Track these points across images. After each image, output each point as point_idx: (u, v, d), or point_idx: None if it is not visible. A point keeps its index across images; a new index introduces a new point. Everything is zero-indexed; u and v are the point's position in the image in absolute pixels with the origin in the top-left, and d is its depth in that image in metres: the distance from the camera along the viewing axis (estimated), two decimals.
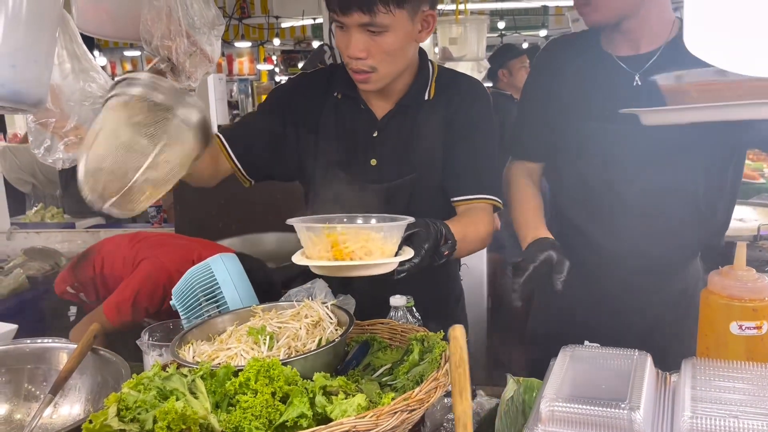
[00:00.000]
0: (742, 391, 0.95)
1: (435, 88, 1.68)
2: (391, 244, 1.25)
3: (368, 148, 1.68)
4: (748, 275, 1.16)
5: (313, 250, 1.24)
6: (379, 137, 1.68)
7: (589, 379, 0.99)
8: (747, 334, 1.12)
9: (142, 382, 1.05)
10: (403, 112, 1.67)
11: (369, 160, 1.69)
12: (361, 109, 1.69)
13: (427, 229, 1.32)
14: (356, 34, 1.48)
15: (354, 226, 1.26)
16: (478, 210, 1.66)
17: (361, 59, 1.51)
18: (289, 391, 1.11)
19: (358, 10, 1.44)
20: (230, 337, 1.37)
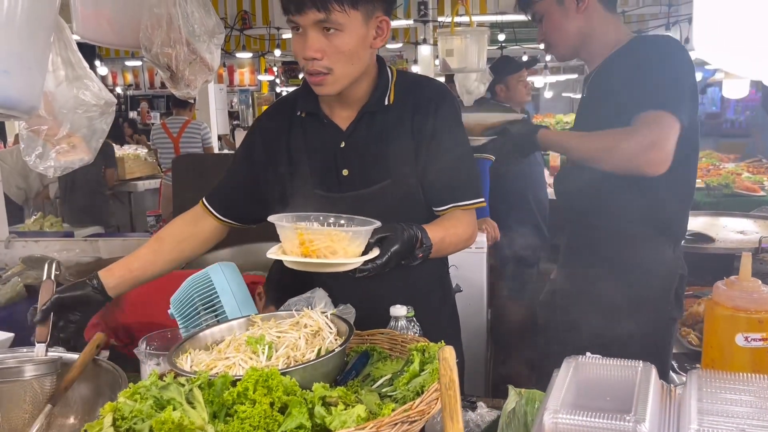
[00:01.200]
0: (749, 403, 0.93)
1: (394, 93, 1.69)
2: (355, 246, 1.35)
3: (338, 159, 1.69)
4: (754, 286, 1.15)
5: (286, 246, 1.36)
6: (346, 147, 1.68)
7: (592, 390, 0.97)
8: (753, 346, 1.11)
9: (139, 392, 1.03)
10: (366, 120, 1.68)
11: (341, 171, 1.69)
12: (324, 124, 1.70)
13: (396, 233, 1.41)
14: (311, 33, 1.50)
15: (322, 229, 1.36)
16: (458, 214, 1.68)
17: (317, 59, 1.52)
18: (287, 401, 1.09)
19: (313, 8, 1.46)
20: (228, 347, 1.35)
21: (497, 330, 3.73)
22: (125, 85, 12.85)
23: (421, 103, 1.68)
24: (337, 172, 1.69)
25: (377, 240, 1.40)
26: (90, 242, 3.68)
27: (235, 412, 1.05)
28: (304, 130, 1.73)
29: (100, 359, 1.48)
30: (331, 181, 1.70)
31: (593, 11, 1.91)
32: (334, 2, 1.46)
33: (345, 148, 1.68)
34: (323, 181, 1.70)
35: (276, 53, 8.01)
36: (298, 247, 1.33)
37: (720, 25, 0.55)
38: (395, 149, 1.68)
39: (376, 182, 1.68)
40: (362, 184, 1.69)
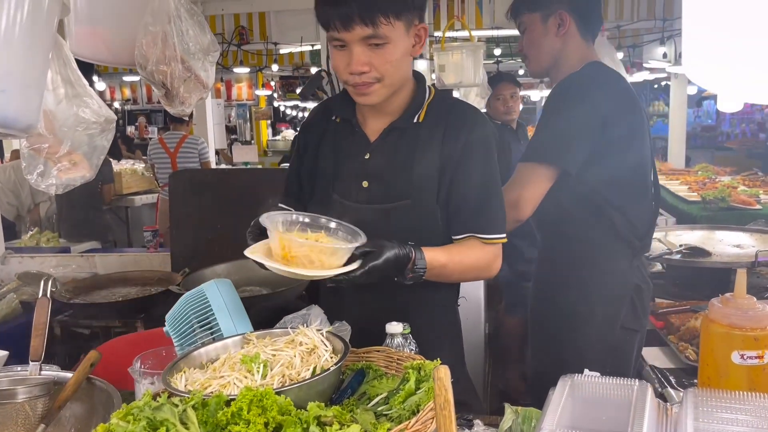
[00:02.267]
0: (745, 422, 0.92)
1: (426, 112, 1.68)
2: (335, 258, 1.40)
3: (360, 170, 1.69)
4: (749, 303, 1.14)
5: (272, 246, 1.41)
6: (370, 159, 1.69)
7: (588, 409, 0.97)
8: (749, 364, 1.10)
9: (132, 412, 1.02)
10: (395, 135, 1.68)
11: (361, 181, 1.69)
12: (355, 131, 1.72)
13: (382, 250, 1.44)
14: (357, 48, 1.50)
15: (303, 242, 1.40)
16: (473, 242, 1.65)
17: (365, 72, 1.53)
18: (282, 421, 1.08)
19: (361, 23, 1.46)
20: (223, 365, 1.35)
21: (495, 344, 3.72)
22: (123, 100, 12.89)
23: (454, 127, 1.65)
24: (358, 182, 1.69)
25: (361, 253, 1.43)
26: (86, 258, 3.67)
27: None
28: (335, 134, 1.75)
29: (94, 378, 1.47)
30: (351, 189, 1.70)
31: (571, 37, 1.99)
32: (380, 16, 1.46)
33: (369, 160, 1.69)
34: (343, 187, 1.71)
35: (273, 68, 8.05)
36: (279, 251, 1.38)
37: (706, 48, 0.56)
38: (419, 170, 1.65)
39: (394, 200, 1.66)
40: (380, 198, 1.67)
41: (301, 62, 8.69)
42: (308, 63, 8.62)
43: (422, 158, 1.66)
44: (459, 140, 1.64)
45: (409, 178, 1.65)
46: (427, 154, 1.66)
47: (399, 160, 1.67)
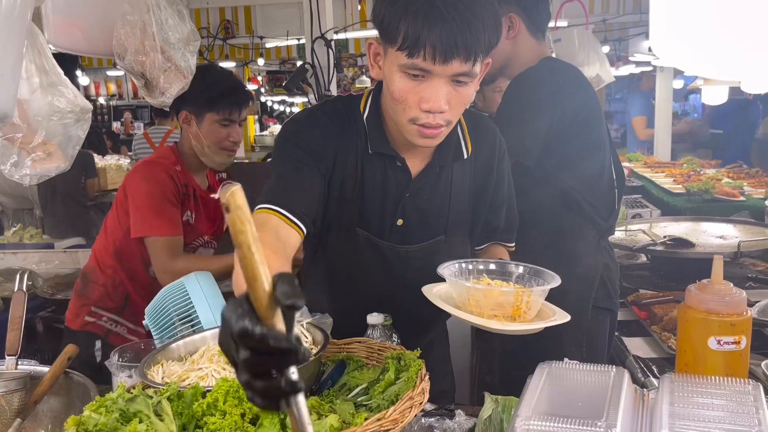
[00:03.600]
0: (720, 407, 0.92)
1: (470, 141, 1.58)
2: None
3: (397, 208, 1.56)
4: (726, 289, 1.15)
5: (483, 307, 1.32)
6: (410, 198, 1.55)
7: (565, 396, 0.97)
8: (726, 349, 1.11)
9: (105, 404, 1.01)
10: (439, 172, 1.56)
11: (396, 220, 1.56)
12: (397, 167, 1.53)
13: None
14: (443, 85, 1.30)
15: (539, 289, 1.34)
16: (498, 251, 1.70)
17: (442, 113, 1.34)
18: (259, 412, 1.07)
19: (459, 59, 1.26)
20: (202, 357, 1.33)
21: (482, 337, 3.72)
22: (108, 95, 12.76)
23: (486, 148, 1.60)
24: (393, 219, 1.56)
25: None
26: (69, 254, 3.63)
27: (205, 424, 1.03)
28: (367, 165, 1.54)
29: (71, 372, 1.46)
30: (382, 226, 1.57)
31: (522, 39, 2.01)
32: (480, 53, 1.29)
33: (408, 198, 1.55)
34: (372, 223, 1.57)
35: (260, 62, 7.99)
36: (510, 306, 1.31)
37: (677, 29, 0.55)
38: (457, 206, 1.60)
39: (428, 238, 1.59)
40: (414, 237, 1.58)
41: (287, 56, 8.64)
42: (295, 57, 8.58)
43: (463, 192, 1.60)
44: (492, 165, 1.62)
45: (446, 215, 1.60)
46: (467, 186, 1.61)
47: (438, 198, 1.58)
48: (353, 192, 1.54)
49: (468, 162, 1.59)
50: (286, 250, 1.35)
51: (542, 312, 1.32)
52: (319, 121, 1.54)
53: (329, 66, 3.62)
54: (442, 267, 1.38)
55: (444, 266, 1.39)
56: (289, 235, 1.38)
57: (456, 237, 1.63)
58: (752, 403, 0.91)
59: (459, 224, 1.62)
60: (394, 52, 1.30)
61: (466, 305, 1.31)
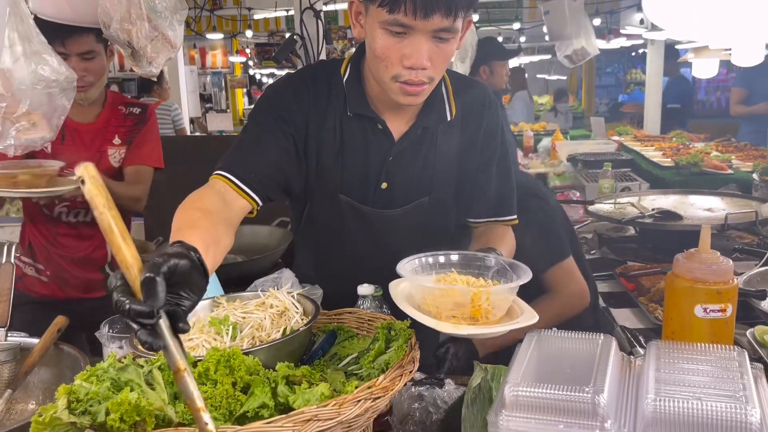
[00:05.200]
0: (706, 373, 0.94)
1: (455, 105, 1.56)
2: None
3: (381, 171, 1.55)
4: (713, 258, 1.16)
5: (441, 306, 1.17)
6: (394, 161, 1.54)
7: (553, 363, 0.98)
8: (712, 317, 1.12)
9: (96, 374, 1.01)
10: (421, 134, 1.54)
11: (380, 183, 1.56)
12: (378, 130, 1.53)
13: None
14: (425, 41, 1.30)
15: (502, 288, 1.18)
16: (501, 231, 1.61)
17: (424, 69, 1.33)
18: (250, 381, 1.08)
19: (440, 14, 1.26)
20: (192, 328, 1.34)
21: None
22: None
23: (474, 113, 1.57)
24: (376, 184, 1.56)
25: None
26: None
27: None
28: (347, 128, 1.53)
29: (61, 343, 1.45)
30: (365, 191, 1.57)
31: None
32: (460, 8, 1.28)
33: (392, 161, 1.54)
34: (354, 188, 1.57)
35: (248, 34, 7.88)
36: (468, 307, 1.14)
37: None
38: (442, 168, 1.58)
39: (413, 200, 1.59)
40: (398, 201, 1.58)
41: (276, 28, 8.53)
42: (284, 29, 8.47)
43: (448, 155, 1.58)
44: (480, 130, 1.58)
45: (431, 176, 1.58)
46: (453, 149, 1.58)
47: (424, 161, 1.56)
48: (333, 157, 1.54)
49: (453, 125, 1.57)
50: (228, 215, 1.37)
51: (512, 310, 1.17)
52: (295, 85, 1.54)
53: (318, 37, 3.58)
54: (402, 264, 1.25)
55: (404, 262, 1.26)
56: (235, 200, 1.41)
57: (441, 200, 1.61)
58: (737, 369, 0.93)
59: (444, 187, 1.61)
60: (375, 8, 1.30)
61: (425, 305, 1.18)
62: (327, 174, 1.56)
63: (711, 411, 0.84)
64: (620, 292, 2.37)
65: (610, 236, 3.03)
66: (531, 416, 0.91)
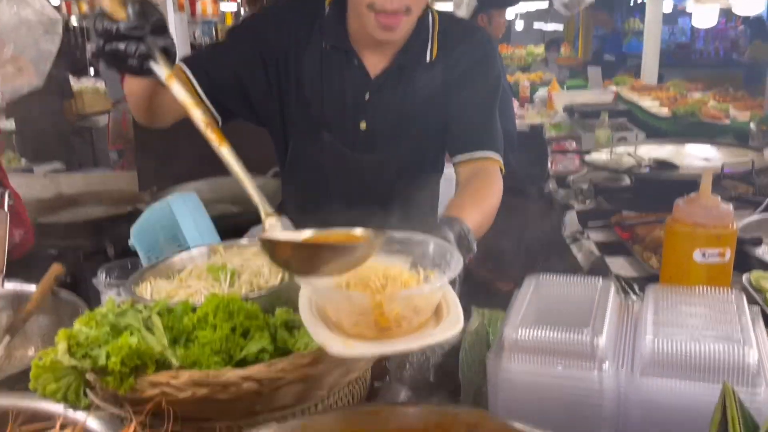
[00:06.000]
0: (704, 315, 0.95)
1: (438, 46, 1.52)
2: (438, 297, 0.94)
3: (358, 110, 1.52)
4: (713, 202, 1.16)
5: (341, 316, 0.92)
6: (371, 100, 1.52)
7: (552, 307, 0.98)
8: (710, 262, 1.13)
9: (95, 319, 1.01)
10: (399, 73, 1.51)
11: (358, 123, 1.53)
12: (353, 65, 1.50)
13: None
14: None
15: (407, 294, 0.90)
16: (484, 175, 1.51)
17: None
18: (249, 326, 1.08)
19: None
20: (190, 275, 1.33)
21: None
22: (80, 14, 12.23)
23: (462, 57, 1.52)
24: (355, 123, 1.53)
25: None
26: (50, 178, 3.58)
27: (196, 338, 1.04)
28: (326, 62, 1.50)
29: (59, 290, 1.45)
30: (345, 130, 1.54)
31: None
32: None
33: (369, 101, 1.52)
34: (335, 126, 1.54)
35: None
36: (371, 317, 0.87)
37: None
38: (425, 110, 1.54)
39: (395, 144, 1.55)
40: (381, 143, 1.55)
41: None
42: None
43: (430, 97, 1.53)
44: (466, 70, 1.53)
45: (414, 117, 1.54)
46: (435, 90, 1.54)
47: (403, 101, 1.52)
48: (313, 91, 1.52)
49: (435, 66, 1.52)
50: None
51: (440, 311, 0.91)
52: (278, 12, 1.55)
53: None
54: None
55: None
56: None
57: (424, 144, 1.58)
58: (735, 311, 0.94)
59: (427, 130, 1.57)
60: None
61: (324, 311, 0.95)
62: (307, 106, 1.54)
63: (709, 352, 0.85)
64: (615, 241, 2.38)
65: (605, 186, 3.02)
66: (530, 358, 0.92)
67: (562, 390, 0.90)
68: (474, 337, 1.23)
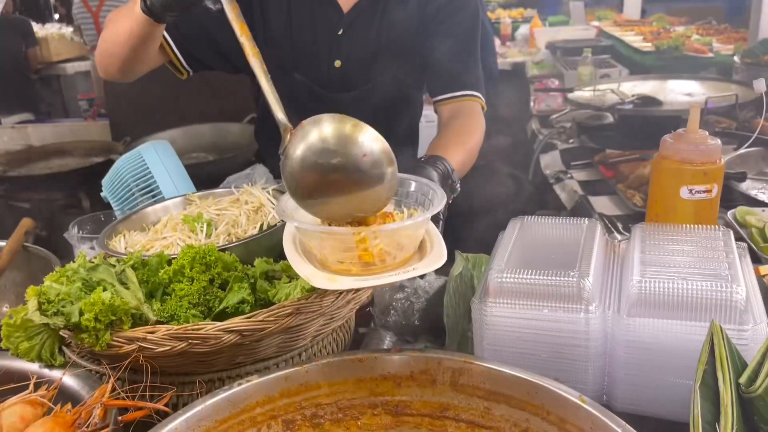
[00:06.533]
0: (690, 253, 0.93)
1: None
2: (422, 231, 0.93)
3: (332, 47, 1.47)
4: (701, 138, 1.13)
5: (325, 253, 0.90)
6: (344, 36, 1.46)
7: (538, 249, 0.96)
8: (697, 198, 1.11)
9: (66, 275, 0.97)
10: (373, 6, 1.46)
11: (332, 61, 1.48)
12: (324, 1, 1.45)
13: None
14: None
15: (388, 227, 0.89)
16: (466, 114, 1.47)
17: None
18: (228, 277, 1.05)
19: None
20: (165, 227, 1.29)
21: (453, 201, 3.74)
22: None
23: None
24: (329, 61, 1.48)
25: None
26: (18, 129, 3.47)
27: (173, 291, 1.01)
28: (294, 1, 1.45)
29: (30, 246, 1.41)
30: (319, 70, 1.49)
31: None
32: None
33: (342, 37, 1.46)
34: (307, 66, 1.49)
35: None
36: (354, 251, 0.87)
37: None
38: (399, 41, 1.48)
39: (371, 78, 1.51)
40: (356, 80, 1.50)
41: None
42: None
43: (403, 28, 1.48)
44: (445, 5, 1.47)
45: (389, 51, 1.49)
46: (409, 21, 1.47)
47: (378, 35, 1.47)
48: (281, 29, 1.46)
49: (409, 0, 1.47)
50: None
51: (424, 246, 0.92)
52: None
53: None
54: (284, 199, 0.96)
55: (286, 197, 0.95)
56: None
57: (400, 79, 1.54)
58: (722, 248, 0.92)
59: (403, 65, 1.52)
60: None
61: (310, 249, 0.92)
62: (276, 47, 1.48)
63: (696, 290, 0.83)
64: (598, 180, 2.36)
65: (589, 124, 2.98)
66: (515, 302, 0.90)
67: (548, 333, 0.89)
68: (458, 282, 1.21)
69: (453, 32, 1.50)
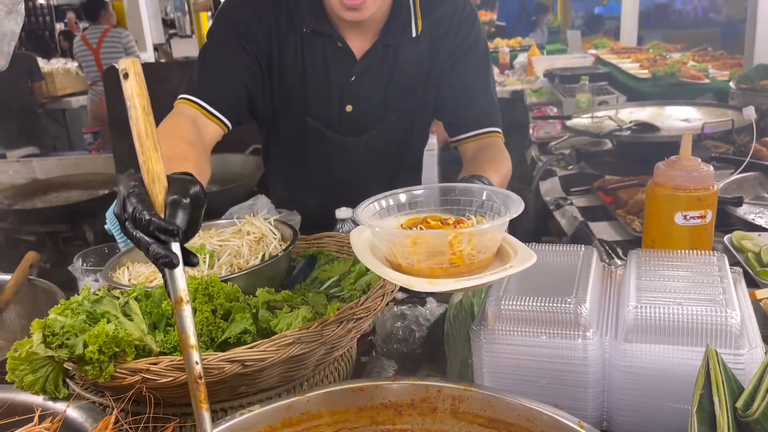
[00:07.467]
0: (686, 278, 0.94)
1: (422, 20, 1.48)
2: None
3: (344, 93, 1.49)
4: (693, 165, 1.15)
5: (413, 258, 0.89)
6: (357, 81, 1.48)
7: (535, 276, 0.97)
8: (691, 224, 1.12)
9: (70, 307, 0.99)
10: (385, 51, 1.48)
11: (344, 106, 1.50)
12: (337, 48, 1.46)
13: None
14: None
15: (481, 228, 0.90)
16: (492, 146, 1.48)
17: None
18: (230, 307, 1.07)
19: None
20: None
21: None
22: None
23: (444, 25, 1.48)
24: (341, 106, 1.50)
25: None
26: (23, 163, 3.51)
27: (176, 322, 1.02)
28: (307, 47, 1.46)
29: (35, 279, 1.42)
30: (330, 114, 1.52)
31: None
32: None
33: (355, 83, 1.48)
34: (320, 111, 1.51)
35: None
36: (447, 252, 0.87)
37: None
38: (409, 83, 1.50)
39: (381, 121, 1.53)
40: (366, 124, 1.53)
41: None
42: None
43: (414, 69, 1.50)
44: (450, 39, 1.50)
45: (398, 94, 1.52)
46: (420, 62, 1.50)
47: (388, 78, 1.50)
48: (296, 77, 1.48)
49: (420, 41, 1.49)
50: (203, 141, 1.33)
51: (503, 251, 0.92)
52: (247, 2, 1.47)
53: None
54: (360, 210, 0.97)
55: (361, 208, 0.98)
56: (206, 126, 1.37)
57: (409, 119, 1.56)
58: (717, 273, 0.94)
59: (412, 105, 1.54)
60: None
61: (393, 257, 0.91)
62: (291, 95, 1.50)
63: (692, 315, 0.84)
64: (598, 206, 2.38)
65: (587, 151, 3.01)
66: (514, 328, 0.92)
67: (547, 359, 0.90)
68: (459, 309, 1.22)
69: (467, 73, 1.53)
